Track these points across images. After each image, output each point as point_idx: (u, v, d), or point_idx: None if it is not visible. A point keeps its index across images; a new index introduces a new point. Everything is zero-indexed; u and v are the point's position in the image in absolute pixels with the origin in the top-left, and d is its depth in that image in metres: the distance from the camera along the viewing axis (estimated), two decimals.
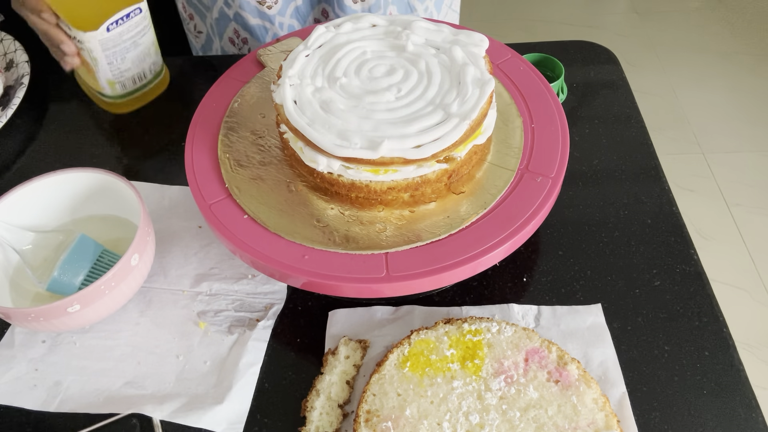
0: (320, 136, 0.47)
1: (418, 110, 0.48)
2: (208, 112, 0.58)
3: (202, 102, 0.58)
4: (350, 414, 0.46)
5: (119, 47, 0.61)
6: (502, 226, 0.48)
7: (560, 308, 0.51)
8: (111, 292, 0.48)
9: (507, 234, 0.47)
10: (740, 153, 1.81)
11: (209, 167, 0.53)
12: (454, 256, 0.46)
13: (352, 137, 0.46)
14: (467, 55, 0.51)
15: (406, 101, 0.49)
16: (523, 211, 0.48)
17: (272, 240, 0.48)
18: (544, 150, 0.53)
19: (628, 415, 0.45)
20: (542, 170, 0.51)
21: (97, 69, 0.63)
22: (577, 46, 0.77)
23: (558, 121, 0.55)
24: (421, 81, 0.50)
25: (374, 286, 0.45)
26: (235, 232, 0.49)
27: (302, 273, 0.46)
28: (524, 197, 0.49)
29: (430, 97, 0.49)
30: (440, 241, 0.47)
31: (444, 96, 0.49)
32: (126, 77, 0.65)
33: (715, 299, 0.52)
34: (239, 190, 0.51)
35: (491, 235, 0.47)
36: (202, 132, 0.56)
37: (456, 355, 0.47)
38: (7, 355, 0.51)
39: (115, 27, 0.59)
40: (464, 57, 0.51)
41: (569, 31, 2.19)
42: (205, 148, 0.55)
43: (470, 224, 0.48)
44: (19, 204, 0.54)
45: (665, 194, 0.60)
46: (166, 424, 0.46)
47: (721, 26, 2.24)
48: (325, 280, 0.46)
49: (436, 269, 0.46)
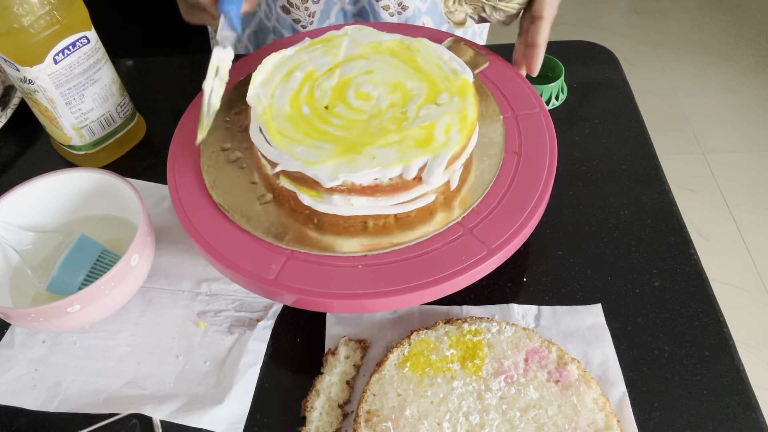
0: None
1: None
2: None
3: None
4: (350, 414, 0.46)
5: (73, 83, 0.59)
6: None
7: (560, 308, 0.51)
8: (111, 292, 0.48)
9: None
10: (740, 153, 1.81)
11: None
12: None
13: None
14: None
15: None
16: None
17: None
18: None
19: (628, 415, 0.45)
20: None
21: (58, 114, 0.60)
22: (577, 46, 0.77)
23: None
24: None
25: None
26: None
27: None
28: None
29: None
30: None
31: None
32: (91, 120, 0.62)
33: (715, 299, 0.52)
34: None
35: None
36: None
37: (456, 355, 0.47)
38: (7, 355, 0.51)
39: (63, 58, 0.56)
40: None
41: (569, 31, 2.20)
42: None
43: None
44: (19, 204, 0.54)
45: (665, 194, 0.60)
46: (166, 424, 0.46)
47: (721, 26, 2.24)
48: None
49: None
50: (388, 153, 0.46)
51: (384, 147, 0.46)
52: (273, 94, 0.51)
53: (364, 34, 0.55)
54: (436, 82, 0.50)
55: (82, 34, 0.57)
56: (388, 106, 0.49)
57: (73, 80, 0.59)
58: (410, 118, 0.48)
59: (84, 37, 0.58)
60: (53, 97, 0.58)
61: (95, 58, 0.60)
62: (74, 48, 0.57)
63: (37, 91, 0.58)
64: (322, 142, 0.47)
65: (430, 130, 0.47)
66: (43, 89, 0.58)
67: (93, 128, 0.63)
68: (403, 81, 0.51)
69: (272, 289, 0.46)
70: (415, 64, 0.52)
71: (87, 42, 0.58)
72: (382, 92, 0.50)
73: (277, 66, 0.53)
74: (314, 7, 0.79)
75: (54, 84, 0.57)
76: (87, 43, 0.58)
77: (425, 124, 0.47)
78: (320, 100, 0.50)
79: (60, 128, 0.62)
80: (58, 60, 0.56)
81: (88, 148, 0.64)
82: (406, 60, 0.53)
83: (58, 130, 0.62)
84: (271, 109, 0.49)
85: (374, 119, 0.48)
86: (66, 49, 0.56)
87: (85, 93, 0.60)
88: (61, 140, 0.64)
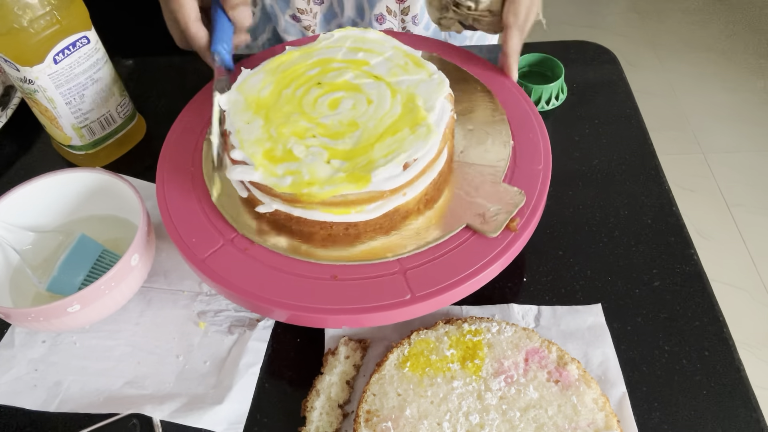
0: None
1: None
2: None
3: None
4: (350, 414, 0.46)
5: (74, 83, 0.59)
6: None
7: (560, 308, 0.51)
8: (111, 292, 0.48)
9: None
10: (740, 153, 1.81)
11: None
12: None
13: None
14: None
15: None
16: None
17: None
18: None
19: (628, 415, 0.45)
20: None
21: (58, 114, 0.60)
22: (577, 46, 0.77)
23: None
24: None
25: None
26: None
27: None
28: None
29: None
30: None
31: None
32: (91, 120, 0.62)
33: (715, 299, 0.52)
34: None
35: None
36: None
37: (456, 355, 0.47)
38: (7, 355, 0.51)
39: (63, 58, 0.56)
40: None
41: (569, 31, 2.20)
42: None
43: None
44: (19, 204, 0.54)
45: (665, 194, 0.60)
46: (166, 424, 0.46)
47: (721, 26, 2.24)
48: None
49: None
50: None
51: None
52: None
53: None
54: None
55: (82, 34, 0.57)
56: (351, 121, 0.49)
57: (73, 80, 0.59)
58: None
59: (84, 37, 0.58)
60: (53, 97, 0.58)
61: (95, 58, 0.60)
62: (74, 48, 0.57)
63: (37, 91, 0.58)
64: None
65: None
66: (43, 89, 0.58)
67: (93, 128, 0.63)
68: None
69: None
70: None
71: (87, 42, 0.58)
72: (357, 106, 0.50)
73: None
74: (317, 8, 0.79)
75: (54, 84, 0.57)
76: (87, 43, 0.58)
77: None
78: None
79: (60, 128, 0.62)
80: (58, 60, 0.56)
81: (88, 148, 0.64)
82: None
83: (58, 130, 0.62)
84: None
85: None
86: (66, 49, 0.56)
87: (85, 93, 0.60)
88: (61, 140, 0.64)
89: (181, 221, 0.50)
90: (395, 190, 0.46)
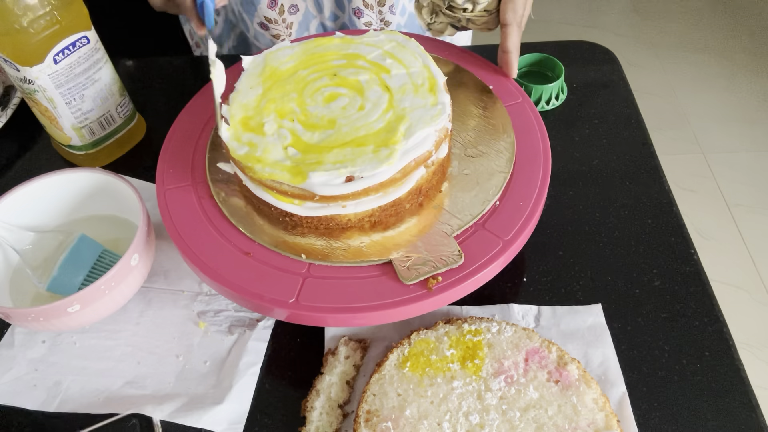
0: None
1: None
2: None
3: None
4: (350, 414, 0.46)
5: (74, 83, 0.59)
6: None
7: (560, 308, 0.51)
8: (111, 292, 0.48)
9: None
10: (740, 153, 1.81)
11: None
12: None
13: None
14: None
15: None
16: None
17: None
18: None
19: (628, 415, 0.45)
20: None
21: (58, 114, 0.60)
22: (577, 46, 0.77)
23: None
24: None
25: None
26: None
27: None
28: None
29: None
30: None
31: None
32: (91, 120, 0.62)
33: (715, 299, 0.52)
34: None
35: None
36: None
37: (456, 355, 0.47)
38: (7, 355, 0.51)
39: (63, 58, 0.56)
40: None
41: (569, 31, 2.19)
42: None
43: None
44: (19, 204, 0.54)
45: (665, 194, 0.60)
46: (166, 424, 0.46)
47: (721, 26, 2.24)
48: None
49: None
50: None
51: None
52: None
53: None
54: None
55: (82, 34, 0.57)
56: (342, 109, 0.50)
57: (73, 80, 0.59)
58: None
59: (84, 37, 0.58)
60: (53, 97, 0.58)
61: (95, 58, 0.60)
62: (74, 48, 0.57)
63: (37, 91, 0.58)
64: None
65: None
66: (43, 89, 0.58)
67: (93, 128, 0.63)
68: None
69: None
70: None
71: (87, 42, 0.58)
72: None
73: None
74: (291, 18, 0.77)
75: (54, 84, 0.57)
76: (87, 43, 0.58)
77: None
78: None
79: (60, 128, 0.62)
80: (58, 60, 0.56)
81: (88, 148, 0.64)
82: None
83: (58, 130, 0.62)
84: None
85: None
86: (66, 49, 0.56)
87: (85, 93, 0.60)
88: (61, 140, 0.64)
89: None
90: (330, 198, 0.46)
